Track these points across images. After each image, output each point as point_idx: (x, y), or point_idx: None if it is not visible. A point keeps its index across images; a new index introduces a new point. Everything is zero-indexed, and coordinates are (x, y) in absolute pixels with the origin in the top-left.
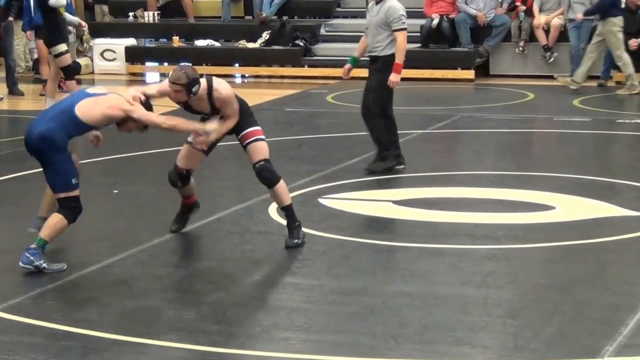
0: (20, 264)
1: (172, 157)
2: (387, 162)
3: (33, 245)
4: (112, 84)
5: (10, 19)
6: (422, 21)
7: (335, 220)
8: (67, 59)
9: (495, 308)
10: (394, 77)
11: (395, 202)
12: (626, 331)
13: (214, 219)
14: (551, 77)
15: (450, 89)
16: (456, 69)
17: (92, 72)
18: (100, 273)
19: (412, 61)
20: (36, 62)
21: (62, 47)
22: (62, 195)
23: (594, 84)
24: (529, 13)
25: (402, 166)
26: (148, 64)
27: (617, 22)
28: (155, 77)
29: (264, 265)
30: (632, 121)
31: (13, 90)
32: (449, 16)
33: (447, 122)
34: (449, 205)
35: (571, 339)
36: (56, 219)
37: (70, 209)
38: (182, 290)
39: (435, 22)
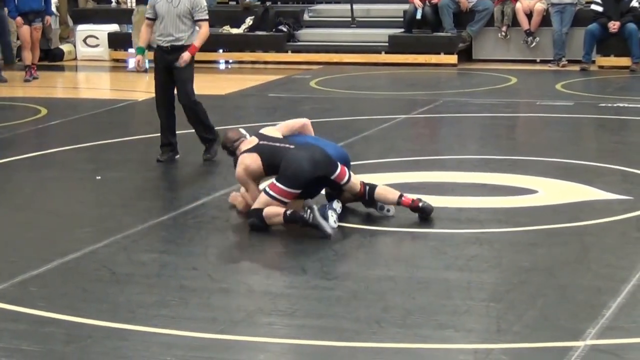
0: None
1: (154, 143)
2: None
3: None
4: (95, 70)
5: None
6: (406, 6)
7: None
8: None
9: (478, 292)
10: (187, 56)
11: None
12: (608, 314)
13: (198, 204)
14: (534, 62)
15: (434, 74)
16: (439, 53)
17: (75, 58)
18: (84, 259)
19: (395, 46)
20: (20, 49)
21: None
22: None
23: (576, 68)
24: None
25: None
26: (131, 50)
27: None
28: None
29: (248, 250)
30: (615, 105)
31: None
32: (432, 1)
33: (430, 107)
34: (432, 189)
35: (554, 322)
36: None
37: None
38: (165, 276)
39: (419, 12)
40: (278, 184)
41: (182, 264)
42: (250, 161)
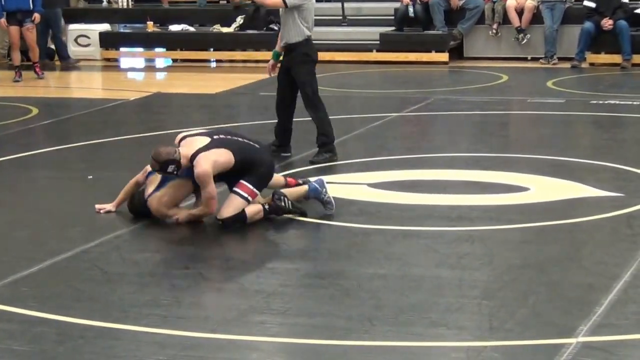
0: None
1: (146, 142)
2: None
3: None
4: (87, 69)
5: None
6: (397, 4)
7: (311, 204)
8: None
9: (470, 289)
10: None
11: (370, 184)
12: (600, 311)
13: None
14: (525, 59)
15: (425, 72)
16: (430, 51)
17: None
18: (76, 259)
19: (386, 44)
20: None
21: None
22: None
23: (567, 65)
24: None
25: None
26: (122, 49)
27: None
28: (129, 62)
29: (240, 249)
30: (606, 102)
31: None
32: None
33: (422, 105)
34: (424, 187)
35: (546, 319)
36: None
37: None
38: (157, 276)
39: (411, 10)
40: (256, 190)
41: (174, 263)
42: (216, 156)
